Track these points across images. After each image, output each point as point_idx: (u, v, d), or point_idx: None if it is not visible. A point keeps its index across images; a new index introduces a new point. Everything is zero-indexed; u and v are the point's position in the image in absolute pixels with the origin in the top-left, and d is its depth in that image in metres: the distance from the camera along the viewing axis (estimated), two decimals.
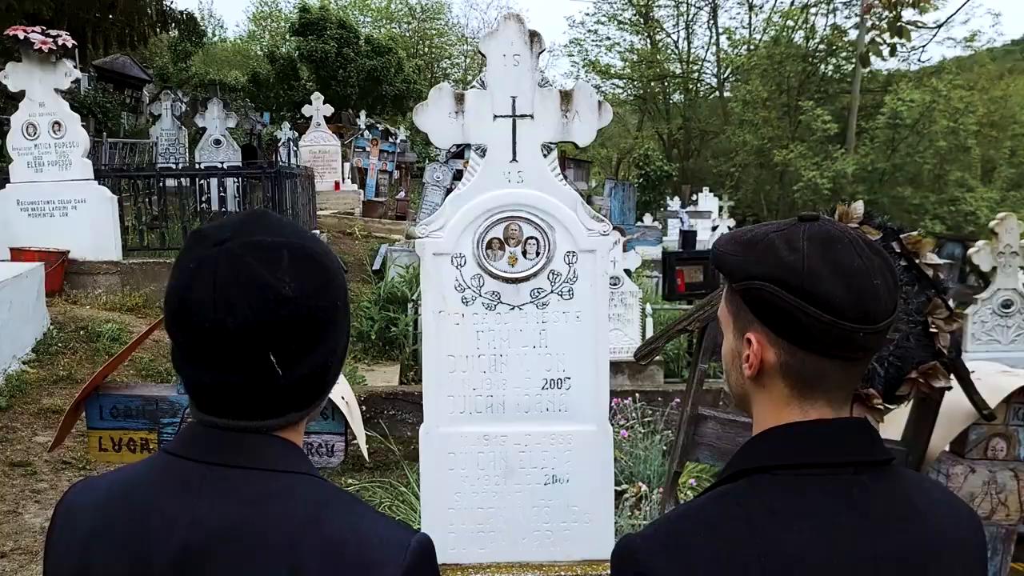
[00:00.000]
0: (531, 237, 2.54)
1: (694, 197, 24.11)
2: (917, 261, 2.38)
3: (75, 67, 7.83)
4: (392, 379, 7.25)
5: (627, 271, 7.69)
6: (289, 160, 16.25)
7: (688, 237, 8.19)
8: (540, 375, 2.58)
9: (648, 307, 7.81)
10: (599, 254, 2.55)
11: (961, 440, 2.71)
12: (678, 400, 6.15)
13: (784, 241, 1.22)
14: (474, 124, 2.52)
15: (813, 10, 29.23)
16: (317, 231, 10.58)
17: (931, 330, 2.36)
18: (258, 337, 0.96)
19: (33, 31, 7.28)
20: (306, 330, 1.00)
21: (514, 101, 2.50)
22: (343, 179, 16.46)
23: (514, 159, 2.52)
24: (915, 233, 2.43)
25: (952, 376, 2.43)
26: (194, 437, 1.02)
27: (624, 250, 7.67)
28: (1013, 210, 26.18)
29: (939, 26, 7.08)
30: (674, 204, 22.94)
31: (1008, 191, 27.45)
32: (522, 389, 2.58)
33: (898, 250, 2.40)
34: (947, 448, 2.75)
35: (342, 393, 2.54)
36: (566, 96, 2.53)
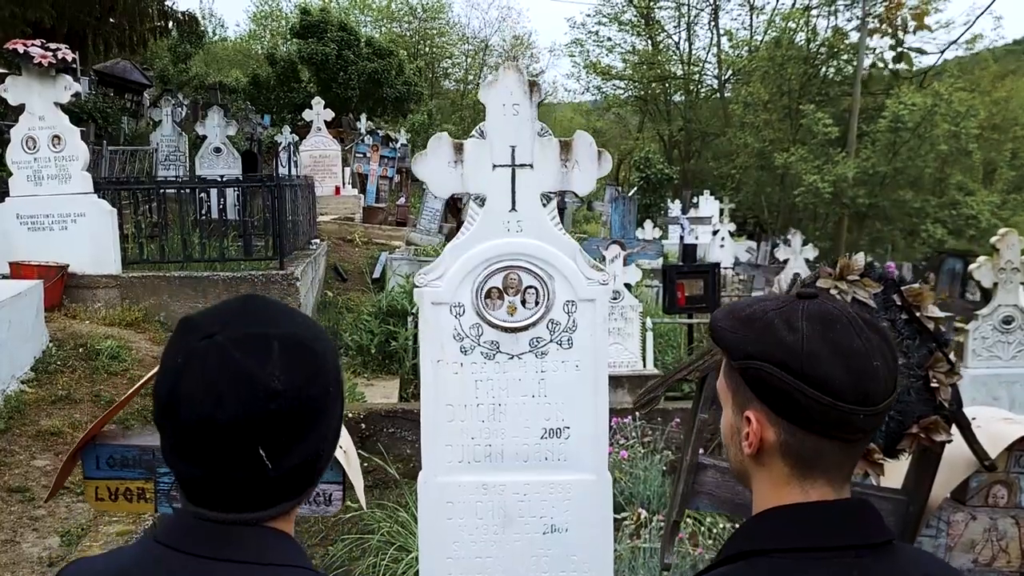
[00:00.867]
0: (530, 286, 2.53)
1: (695, 200, 24.11)
2: (918, 314, 2.37)
3: (76, 67, 7.84)
4: (392, 394, 7.24)
5: (627, 285, 7.69)
6: (289, 166, 16.23)
7: (688, 250, 8.17)
8: (539, 424, 2.57)
9: (648, 321, 7.80)
10: (598, 303, 2.54)
11: (962, 487, 2.71)
12: (678, 420, 6.15)
13: (783, 320, 1.22)
14: (473, 173, 2.50)
15: (815, 12, 29.19)
16: (317, 239, 10.57)
17: (932, 384, 2.35)
18: (247, 432, 0.96)
19: (33, 44, 7.25)
20: (296, 422, 1.00)
21: (513, 151, 2.48)
22: (343, 184, 16.46)
23: (513, 208, 2.51)
24: (916, 285, 2.42)
25: (954, 426, 2.42)
26: (184, 529, 1.03)
27: (624, 264, 7.66)
28: (1014, 212, 26.13)
29: (942, 51, 7.06)
30: (675, 208, 22.93)
31: (1009, 194, 27.42)
32: (521, 438, 2.57)
33: (899, 302, 2.38)
34: (948, 496, 2.74)
35: (340, 442, 2.54)
36: (565, 146, 2.51)
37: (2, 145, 10.97)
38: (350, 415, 6.17)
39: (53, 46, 7.36)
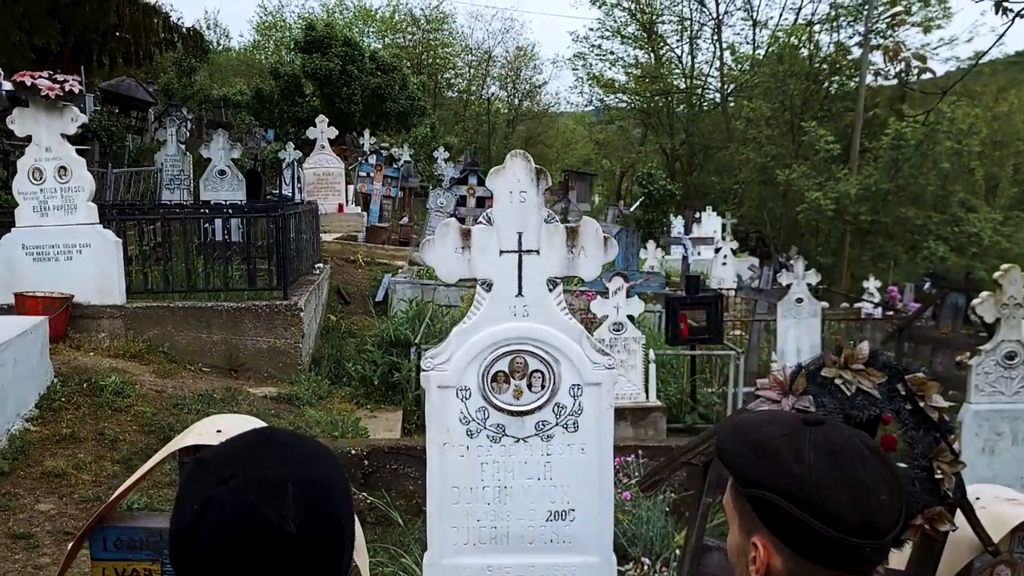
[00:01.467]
0: (536, 370, 2.55)
1: (697, 215, 24.18)
2: (922, 404, 2.38)
3: (82, 82, 7.84)
4: (394, 427, 7.25)
5: (630, 317, 7.70)
6: (293, 185, 16.29)
7: (691, 282, 8.19)
8: (544, 507, 2.58)
9: (651, 353, 7.81)
10: (604, 387, 2.56)
11: (966, 569, 2.71)
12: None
13: (790, 450, 1.24)
14: (480, 259, 2.53)
15: (817, 27, 29.26)
16: (321, 263, 10.60)
17: (936, 475, 2.37)
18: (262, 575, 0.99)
19: (40, 76, 7.30)
20: (311, 562, 1.02)
21: (520, 237, 2.51)
22: (347, 201, 16.52)
23: (520, 293, 2.53)
24: (920, 375, 2.43)
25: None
26: None
27: (627, 296, 7.67)
28: (1016, 229, 26.04)
29: (944, 93, 7.09)
30: (677, 224, 22.97)
31: (1011, 210, 27.44)
32: (526, 521, 2.58)
33: (903, 392, 2.40)
34: None
35: None
36: (572, 232, 2.54)
37: (6, 167, 11.06)
38: (352, 452, 6.18)
39: (60, 78, 7.39)
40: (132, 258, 8.38)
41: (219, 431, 2.47)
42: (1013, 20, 6.40)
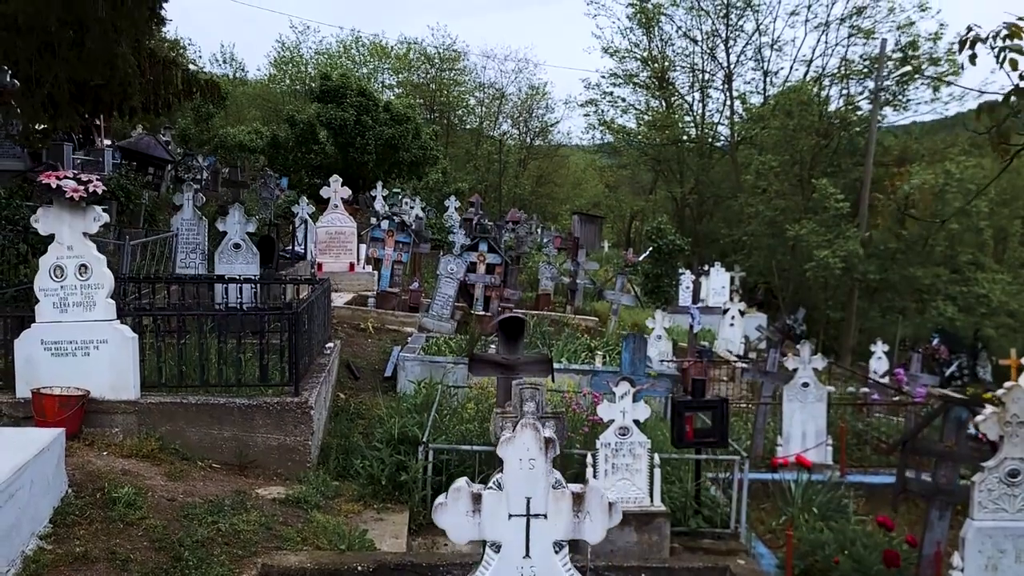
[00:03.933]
0: None
1: (705, 267, 24.33)
2: None
3: (104, 187, 8.06)
4: (401, 531, 7.30)
5: (636, 421, 7.77)
6: (306, 244, 16.53)
7: (697, 385, 8.28)
8: None
9: (656, 457, 7.87)
10: None
11: None
12: None
13: None
14: (489, 522, 2.63)
15: (827, 81, 29.56)
16: (331, 344, 10.74)
17: None
18: None
19: (65, 177, 7.52)
20: None
21: (528, 502, 2.61)
22: (358, 260, 16.75)
23: (527, 555, 2.63)
24: None
25: None
26: None
27: (634, 400, 7.75)
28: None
29: (943, 222, 7.19)
30: (685, 279, 23.11)
31: (1021, 268, 27.43)
32: None
33: None
34: None
35: None
36: (578, 498, 2.64)
37: (27, 240, 11.27)
38: (359, 568, 6.26)
39: (85, 178, 7.61)
40: (146, 330, 8.51)
41: None
42: (1011, 160, 6.55)
